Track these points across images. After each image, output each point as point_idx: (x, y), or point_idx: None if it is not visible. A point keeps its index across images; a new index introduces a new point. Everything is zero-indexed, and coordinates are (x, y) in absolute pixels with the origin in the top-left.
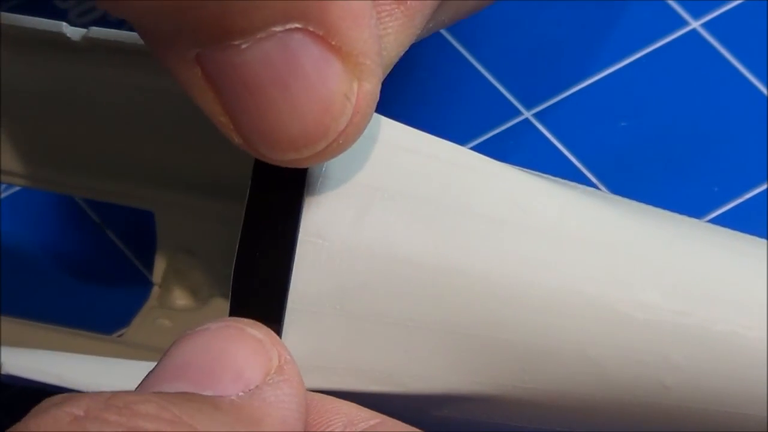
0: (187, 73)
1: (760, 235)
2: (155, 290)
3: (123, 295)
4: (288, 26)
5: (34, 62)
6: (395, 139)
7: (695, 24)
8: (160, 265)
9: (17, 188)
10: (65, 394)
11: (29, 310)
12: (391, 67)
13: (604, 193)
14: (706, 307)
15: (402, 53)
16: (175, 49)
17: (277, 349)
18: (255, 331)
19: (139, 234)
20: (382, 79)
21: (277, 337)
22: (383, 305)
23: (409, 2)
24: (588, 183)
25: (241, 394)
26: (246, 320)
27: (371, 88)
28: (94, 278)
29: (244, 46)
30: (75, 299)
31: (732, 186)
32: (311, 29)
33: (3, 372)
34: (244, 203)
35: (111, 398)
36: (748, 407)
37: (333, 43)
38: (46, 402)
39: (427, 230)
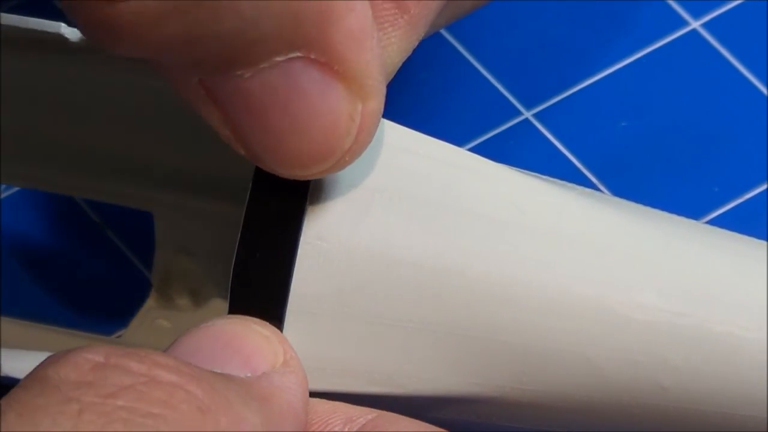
0: (192, 94)
1: (760, 236)
2: (154, 291)
3: (122, 296)
4: (290, 55)
5: (34, 62)
6: (394, 141)
7: (695, 24)
8: (159, 266)
9: (17, 188)
10: (78, 347)
11: (29, 310)
12: (395, 72)
13: (603, 195)
14: (704, 309)
15: (405, 58)
16: (177, 77)
17: (282, 346)
18: (261, 327)
19: (138, 234)
20: (385, 93)
21: (282, 335)
22: (382, 307)
23: (412, 11)
24: (588, 183)
25: (249, 374)
26: (251, 318)
27: (375, 105)
28: (93, 278)
29: (247, 75)
30: (74, 299)
31: (732, 186)
32: (313, 57)
33: (2, 374)
34: (243, 204)
35: (129, 349)
36: (746, 408)
37: (336, 68)
38: (61, 352)
39: (426, 232)
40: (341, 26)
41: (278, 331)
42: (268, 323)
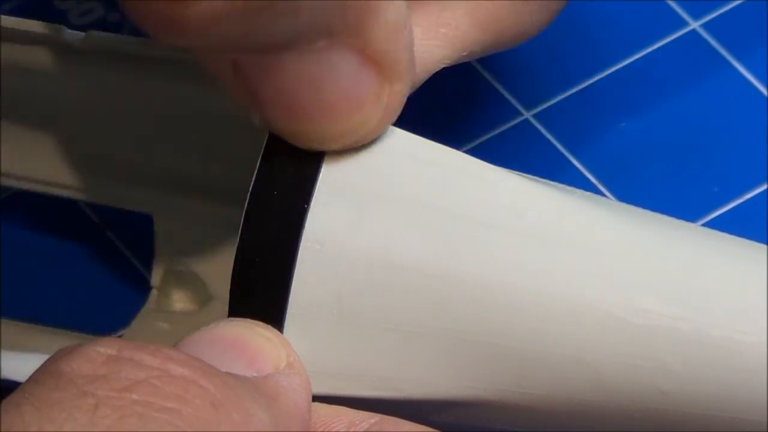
0: (221, 71)
1: (760, 236)
2: (153, 293)
3: (122, 297)
4: (330, 40)
5: (34, 64)
6: (393, 145)
7: (695, 24)
8: (158, 269)
9: (17, 188)
10: (90, 340)
11: (29, 311)
12: (429, 75)
13: (601, 198)
14: (703, 312)
15: (438, 68)
16: (212, 57)
17: (285, 349)
18: (263, 330)
19: (139, 235)
20: (412, 80)
21: (284, 338)
22: (381, 311)
23: (454, 28)
24: (587, 183)
25: (255, 375)
26: (254, 321)
27: (401, 87)
28: (93, 279)
29: (284, 56)
30: (74, 300)
31: (732, 186)
32: (350, 42)
33: (2, 376)
34: (243, 207)
35: (140, 343)
36: (745, 412)
37: (368, 53)
38: (72, 346)
39: (424, 236)
40: (380, 18)
41: (280, 334)
42: (270, 326)
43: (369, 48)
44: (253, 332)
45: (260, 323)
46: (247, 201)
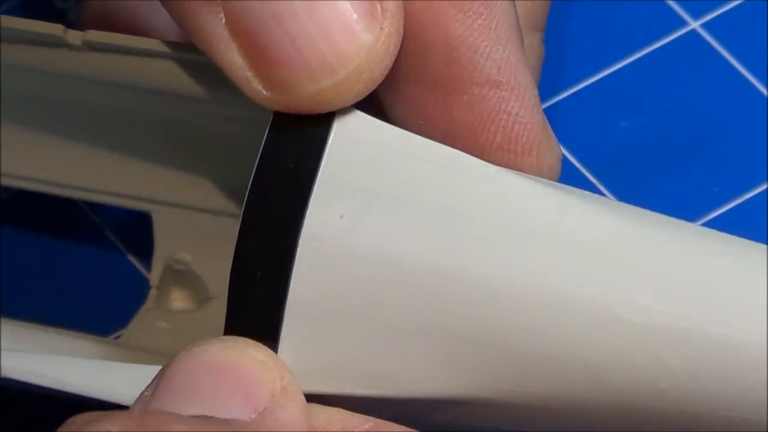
0: (212, 23)
1: (760, 236)
2: (153, 292)
3: (122, 297)
4: None
5: (34, 63)
6: (393, 143)
7: (695, 24)
8: (157, 268)
9: (17, 188)
10: (94, 413)
11: (29, 310)
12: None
13: (601, 197)
14: (702, 311)
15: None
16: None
17: (278, 370)
18: (255, 351)
19: (138, 235)
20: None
21: (277, 356)
22: (379, 309)
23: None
24: (587, 183)
25: (253, 416)
26: (244, 340)
27: (393, 6)
28: (93, 278)
29: None
30: (74, 299)
31: (732, 186)
32: None
33: (2, 375)
34: (242, 205)
35: (145, 416)
36: (744, 411)
37: None
38: (78, 419)
39: (423, 234)
40: None
41: (273, 353)
42: (262, 346)
43: None
44: (245, 356)
45: (252, 343)
46: (246, 199)
